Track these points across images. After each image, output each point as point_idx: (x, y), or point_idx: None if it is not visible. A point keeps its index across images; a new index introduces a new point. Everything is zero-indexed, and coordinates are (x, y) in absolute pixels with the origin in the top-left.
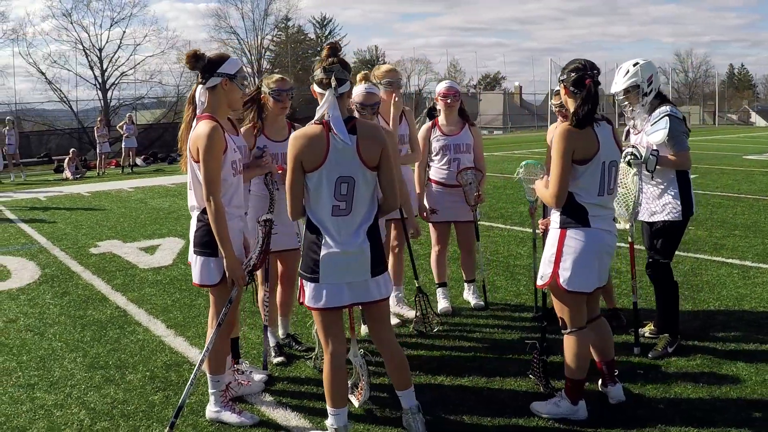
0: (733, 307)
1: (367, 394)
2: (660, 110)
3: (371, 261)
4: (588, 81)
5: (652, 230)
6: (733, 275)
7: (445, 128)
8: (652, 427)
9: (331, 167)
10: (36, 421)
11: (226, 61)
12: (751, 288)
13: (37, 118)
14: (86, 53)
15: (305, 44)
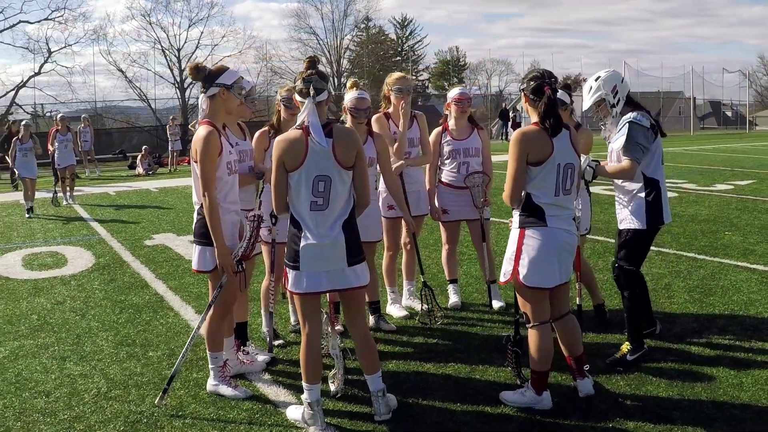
0: (738, 311)
1: (341, 383)
2: (624, 117)
3: (347, 252)
4: (546, 88)
5: (620, 236)
6: (752, 281)
7: (455, 133)
8: (609, 419)
9: (310, 167)
10: (60, 387)
11: (224, 72)
12: (764, 294)
13: (119, 115)
14: (164, 53)
15: (386, 45)
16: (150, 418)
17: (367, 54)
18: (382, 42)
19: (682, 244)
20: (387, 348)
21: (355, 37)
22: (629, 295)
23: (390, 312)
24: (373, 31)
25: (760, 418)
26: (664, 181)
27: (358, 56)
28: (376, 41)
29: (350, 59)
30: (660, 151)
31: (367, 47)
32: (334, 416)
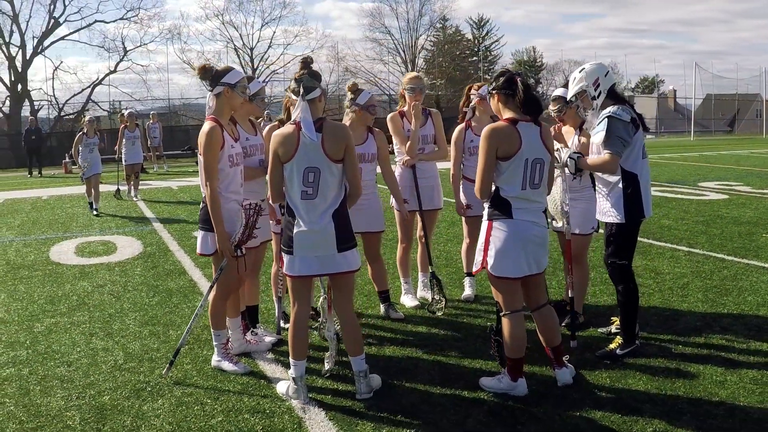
0: (747, 312)
1: (333, 363)
2: (604, 111)
3: (336, 238)
4: (517, 78)
5: (606, 230)
6: None
7: (478, 129)
8: (579, 408)
9: (300, 159)
10: (82, 359)
11: (228, 72)
12: None
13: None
14: (237, 52)
15: (462, 45)
16: (154, 387)
17: (443, 54)
18: (458, 42)
19: (715, 245)
20: (389, 335)
21: (431, 37)
22: (623, 290)
23: (403, 302)
24: (449, 31)
25: (731, 415)
26: (648, 176)
27: (433, 56)
28: (452, 41)
29: (426, 59)
30: (640, 145)
31: (443, 47)
32: (319, 393)
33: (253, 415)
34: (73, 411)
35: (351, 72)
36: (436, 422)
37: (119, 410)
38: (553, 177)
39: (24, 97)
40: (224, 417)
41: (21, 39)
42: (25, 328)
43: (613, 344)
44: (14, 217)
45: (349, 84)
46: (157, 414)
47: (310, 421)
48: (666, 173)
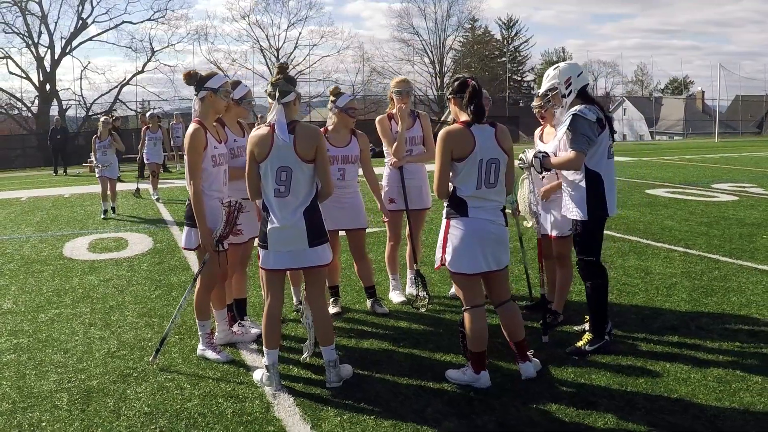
0: (728, 312)
1: (311, 351)
2: (571, 110)
3: (308, 234)
4: (470, 81)
5: (572, 228)
6: (761, 284)
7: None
8: (536, 402)
9: (274, 159)
10: (78, 347)
11: (211, 78)
12: (765, 297)
13: None
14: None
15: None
16: (141, 373)
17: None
18: (487, 43)
19: (713, 246)
20: (370, 329)
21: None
22: (590, 286)
23: (390, 298)
24: (478, 32)
25: (685, 411)
26: (613, 175)
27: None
28: (480, 42)
29: (454, 59)
30: (606, 145)
31: (472, 48)
32: (291, 380)
33: (226, 399)
34: (63, 393)
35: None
36: (396, 410)
37: (105, 393)
38: (513, 176)
39: (52, 96)
40: (199, 401)
41: (50, 39)
42: (29, 318)
43: (582, 341)
44: (35, 214)
45: (331, 88)
46: (139, 397)
47: (278, 406)
48: (681, 174)
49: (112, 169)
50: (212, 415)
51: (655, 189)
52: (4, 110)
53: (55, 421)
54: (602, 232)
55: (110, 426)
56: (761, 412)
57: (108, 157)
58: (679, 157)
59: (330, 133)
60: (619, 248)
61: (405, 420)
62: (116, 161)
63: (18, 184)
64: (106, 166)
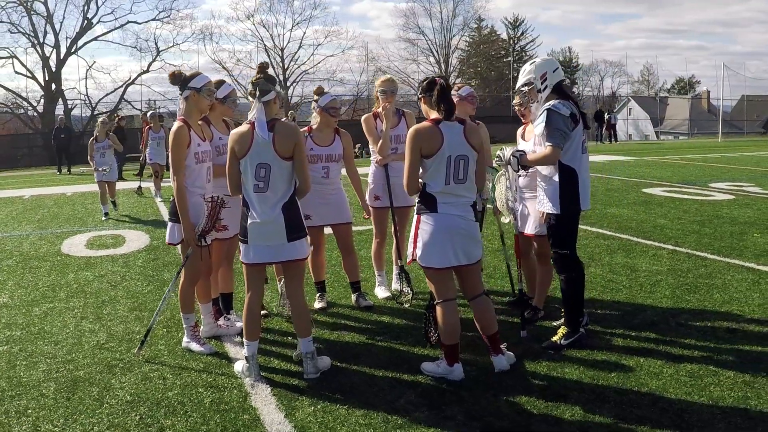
0: (709, 308)
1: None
2: (545, 105)
3: (286, 229)
4: (438, 80)
5: (546, 222)
6: (745, 281)
7: None
8: (506, 394)
9: (253, 156)
10: (69, 339)
11: (195, 78)
12: (747, 294)
13: None
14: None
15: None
16: (126, 363)
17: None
18: (493, 42)
19: (702, 245)
20: (353, 323)
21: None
22: (565, 279)
23: (376, 293)
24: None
25: (653, 405)
26: (587, 171)
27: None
28: (487, 41)
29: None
30: (579, 140)
31: (478, 47)
32: (271, 372)
33: (206, 389)
34: (51, 383)
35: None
36: (369, 401)
37: (90, 382)
38: (484, 173)
39: (58, 96)
40: (180, 390)
41: (55, 39)
42: (24, 312)
43: (558, 335)
44: (36, 212)
45: (315, 89)
46: (123, 386)
47: (255, 396)
48: (680, 174)
49: (111, 171)
50: (191, 404)
51: (652, 188)
52: (10, 110)
53: (40, 409)
54: (577, 226)
55: (92, 413)
56: (729, 407)
57: (106, 159)
58: (681, 157)
59: (314, 132)
60: (608, 246)
61: (377, 410)
62: (115, 162)
63: (22, 182)
64: (105, 169)
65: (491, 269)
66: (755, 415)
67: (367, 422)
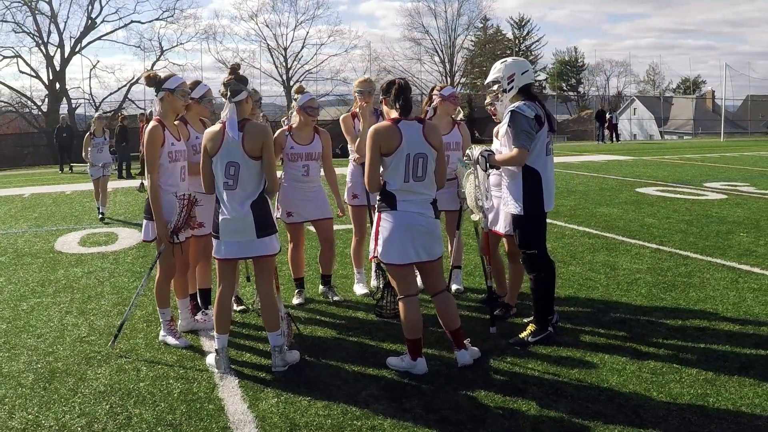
0: (683, 306)
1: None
2: (510, 106)
3: (255, 226)
4: (396, 81)
5: (512, 222)
6: (724, 280)
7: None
8: (466, 387)
9: (223, 154)
10: (52, 332)
11: (169, 79)
12: (723, 292)
13: None
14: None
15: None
16: (104, 356)
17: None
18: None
19: (687, 243)
20: (327, 318)
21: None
22: (534, 279)
23: (355, 290)
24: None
25: (610, 400)
26: (551, 172)
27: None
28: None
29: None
30: (543, 142)
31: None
32: (239, 365)
33: (177, 380)
34: (30, 373)
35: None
36: (331, 393)
37: (68, 374)
38: (445, 171)
39: (62, 95)
40: (151, 382)
41: (59, 39)
42: (11, 306)
43: (526, 332)
44: (34, 210)
45: (296, 87)
46: (98, 377)
47: (222, 387)
48: (676, 173)
49: (105, 167)
50: (161, 394)
51: (645, 187)
52: (14, 109)
53: (17, 397)
54: (543, 226)
55: (66, 402)
56: (686, 403)
57: (103, 155)
58: (680, 157)
59: (294, 131)
60: (592, 244)
61: (337, 402)
62: (110, 159)
63: (24, 181)
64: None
65: (471, 267)
66: (711, 412)
67: (327, 413)
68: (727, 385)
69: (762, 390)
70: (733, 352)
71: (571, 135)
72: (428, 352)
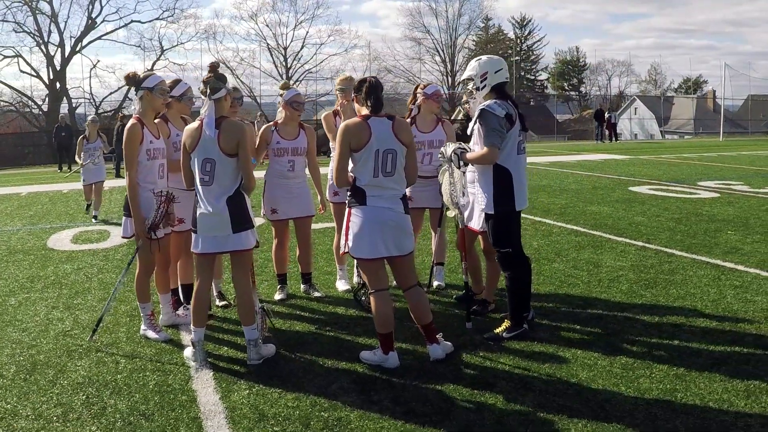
0: (662, 303)
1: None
2: (481, 105)
3: (231, 221)
4: (368, 79)
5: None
6: (706, 277)
7: (421, 126)
8: (436, 381)
9: (200, 151)
10: (37, 326)
11: (147, 78)
12: (704, 290)
13: None
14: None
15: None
16: (86, 349)
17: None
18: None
19: (674, 242)
20: (307, 314)
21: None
22: (509, 276)
23: (337, 286)
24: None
25: (578, 394)
26: (523, 171)
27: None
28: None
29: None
30: (515, 140)
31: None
32: (216, 358)
33: (153, 373)
34: (12, 365)
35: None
36: (302, 386)
37: (48, 366)
38: (415, 167)
39: (62, 95)
40: (128, 374)
41: (60, 38)
42: (0, 302)
43: (501, 327)
44: (30, 208)
45: (281, 84)
46: (77, 369)
47: (197, 379)
48: (672, 172)
49: (99, 171)
50: (136, 386)
51: (639, 186)
52: (15, 108)
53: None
54: (516, 224)
55: (44, 393)
56: (654, 398)
57: (96, 160)
58: (677, 156)
59: (279, 126)
60: (578, 242)
61: (308, 394)
62: (102, 161)
63: (23, 180)
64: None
65: (455, 264)
66: (678, 407)
67: (296, 405)
68: (697, 380)
69: (732, 386)
70: (707, 349)
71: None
72: (402, 347)
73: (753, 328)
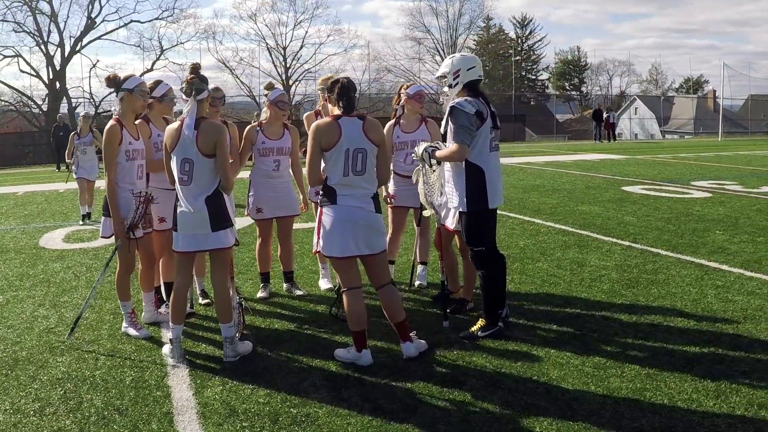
0: (643, 302)
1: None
2: (451, 102)
3: (210, 220)
4: (340, 80)
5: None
6: (689, 277)
7: (406, 126)
8: (407, 379)
9: (179, 150)
10: (23, 323)
11: (128, 80)
12: (686, 289)
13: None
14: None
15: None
16: (69, 346)
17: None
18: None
19: (661, 241)
20: (287, 312)
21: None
22: (483, 275)
23: (320, 285)
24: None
25: (547, 393)
26: (496, 168)
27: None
28: (494, 40)
29: None
30: (486, 138)
31: (486, 46)
32: (194, 355)
33: (131, 369)
34: None
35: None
36: (275, 383)
37: (30, 361)
38: (387, 166)
39: (62, 94)
40: (107, 370)
41: (59, 38)
42: None
43: (476, 326)
44: (26, 207)
45: (265, 84)
46: (57, 365)
47: (172, 376)
48: (666, 172)
49: (91, 169)
50: (113, 381)
51: (632, 186)
52: (15, 108)
53: None
54: (490, 222)
55: (24, 388)
56: (622, 397)
57: (87, 156)
58: (673, 156)
59: (264, 126)
60: (565, 242)
61: (279, 391)
62: (95, 160)
63: (21, 179)
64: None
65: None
66: (646, 406)
67: (267, 401)
68: (668, 380)
69: (702, 386)
70: (681, 349)
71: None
72: (377, 345)
73: (731, 328)
